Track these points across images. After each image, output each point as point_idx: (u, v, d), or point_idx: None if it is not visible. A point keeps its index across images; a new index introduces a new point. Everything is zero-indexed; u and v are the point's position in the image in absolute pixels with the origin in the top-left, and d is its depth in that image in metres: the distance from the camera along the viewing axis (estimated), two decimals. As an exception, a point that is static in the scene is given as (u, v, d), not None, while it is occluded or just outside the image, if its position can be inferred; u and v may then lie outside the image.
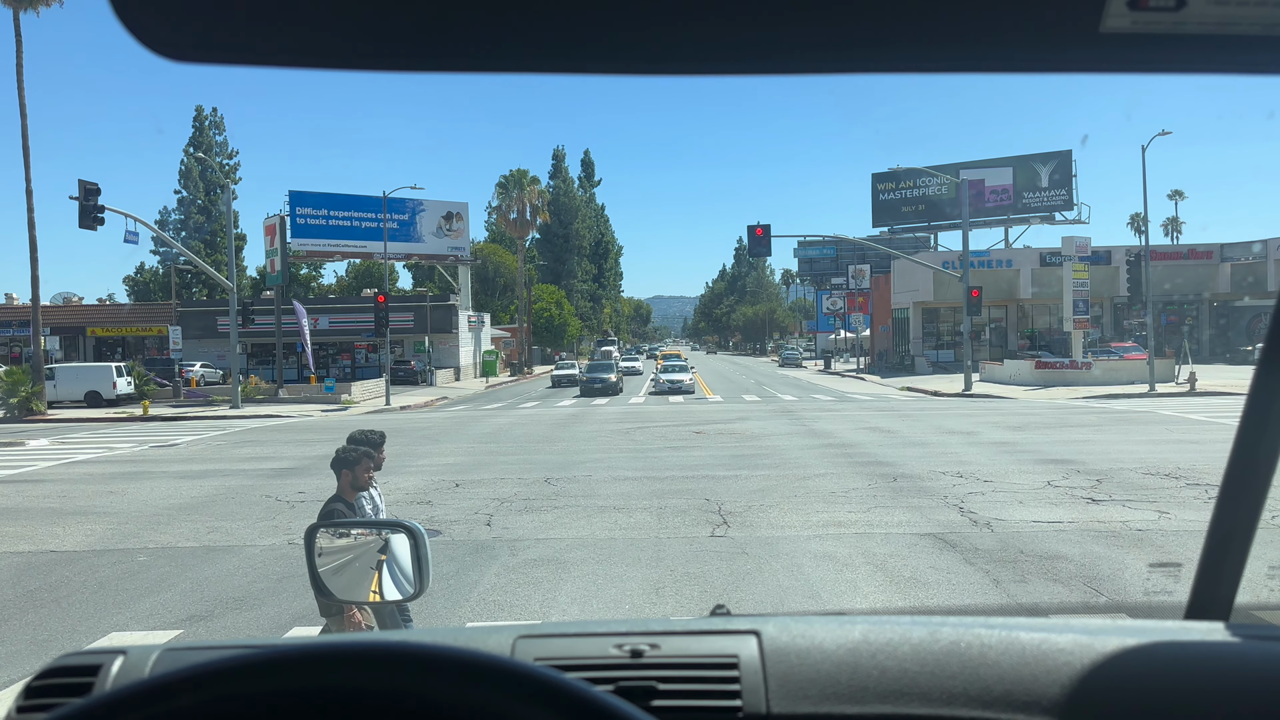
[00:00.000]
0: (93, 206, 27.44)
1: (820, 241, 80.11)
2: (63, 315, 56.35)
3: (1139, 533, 9.30)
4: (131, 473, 16.25)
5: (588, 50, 0.70)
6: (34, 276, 32.15)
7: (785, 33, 0.68)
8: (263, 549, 9.67)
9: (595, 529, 10.16)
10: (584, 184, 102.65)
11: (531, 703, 0.69)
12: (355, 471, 4.69)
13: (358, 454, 4.73)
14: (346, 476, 4.71)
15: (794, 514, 10.74)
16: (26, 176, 31.42)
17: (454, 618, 7.03)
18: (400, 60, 0.70)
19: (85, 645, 6.27)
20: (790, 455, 16.34)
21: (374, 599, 2.26)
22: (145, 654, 1.30)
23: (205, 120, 71.81)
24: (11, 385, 31.37)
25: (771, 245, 31.31)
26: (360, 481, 4.70)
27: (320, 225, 53.45)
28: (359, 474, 4.70)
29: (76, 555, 9.62)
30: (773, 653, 1.19)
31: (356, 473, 4.69)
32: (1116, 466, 13.78)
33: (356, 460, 4.70)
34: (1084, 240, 39.84)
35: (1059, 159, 60.88)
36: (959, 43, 0.70)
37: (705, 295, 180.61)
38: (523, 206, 63.00)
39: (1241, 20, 0.68)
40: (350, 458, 4.71)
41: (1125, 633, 1.19)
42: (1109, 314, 52.62)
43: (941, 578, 7.84)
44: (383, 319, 34.06)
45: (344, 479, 4.71)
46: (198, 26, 0.67)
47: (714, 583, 7.79)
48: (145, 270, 73.86)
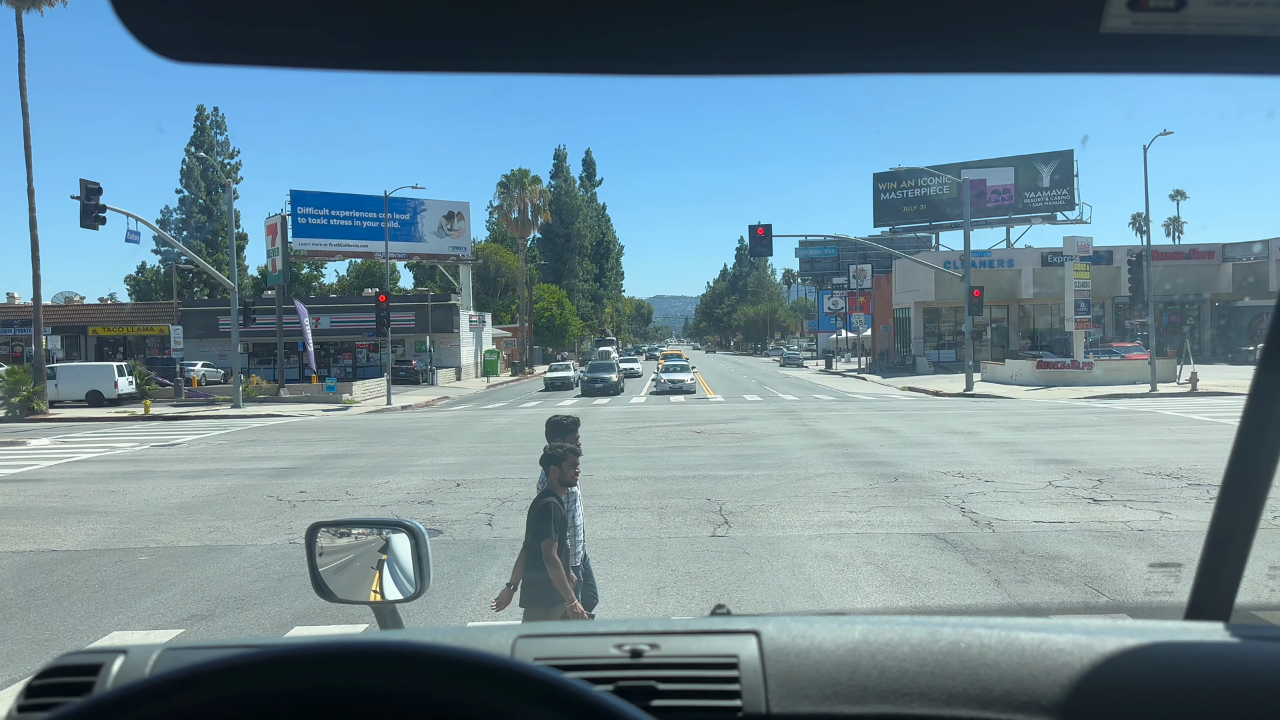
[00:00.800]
0: (94, 206, 27.46)
1: (821, 241, 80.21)
2: (64, 315, 56.37)
3: (1140, 533, 9.29)
4: (133, 472, 16.27)
5: (589, 51, 0.70)
6: (35, 276, 32.18)
7: (786, 33, 0.68)
8: (264, 548, 9.68)
9: (596, 528, 10.16)
10: (585, 184, 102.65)
11: (531, 703, 0.69)
12: (562, 467, 4.92)
13: (564, 450, 4.95)
14: (554, 473, 4.92)
15: (795, 514, 10.74)
16: (28, 176, 31.44)
17: (455, 617, 7.03)
18: (401, 60, 0.70)
19: (86, 644, 6.28)
20: (791, 455, 16.34)
21: (375, 599, 2.26)
22: (146, 653, 1.30)
23: (207, 120, 71.89)
24: (13, 384, 31.39)
25: (773, 245, 31.35)
26: (567, 477, 4.93)
27: (321, 225, 53.49)
28: (565, 469, 4.92)
29: (78, 554, 9.63)
30: (772, 653, 1.19)
31: (563, 468, 4.91)
32: (1118, 467, 13.77)
33: (563, 457, 4.92)
34: (1085, 240, 39.82)
35: (1060, 159, 60.87)
36: (960, 43, 0.70)
37: (706, 295, 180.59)
38: (524, 206, 63.00)
39: (1241, 20, 0.68)
40: (557, 454, 4.93)
41: (1125, 633, 1.19)
42: (1110, 314, 52.59)
43: (943, 578, 7.84)
44: (384, 318, 34.08)
45: (552, 475, 4.92)
46: (198, 27, 0.67)
47: (715, 582, 7.79)
48: (147, 270, 73.95)
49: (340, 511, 11.67)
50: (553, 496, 4.84)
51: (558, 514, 4.78)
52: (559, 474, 4.91)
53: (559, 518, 4.78)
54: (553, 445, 5.02)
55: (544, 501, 4.80)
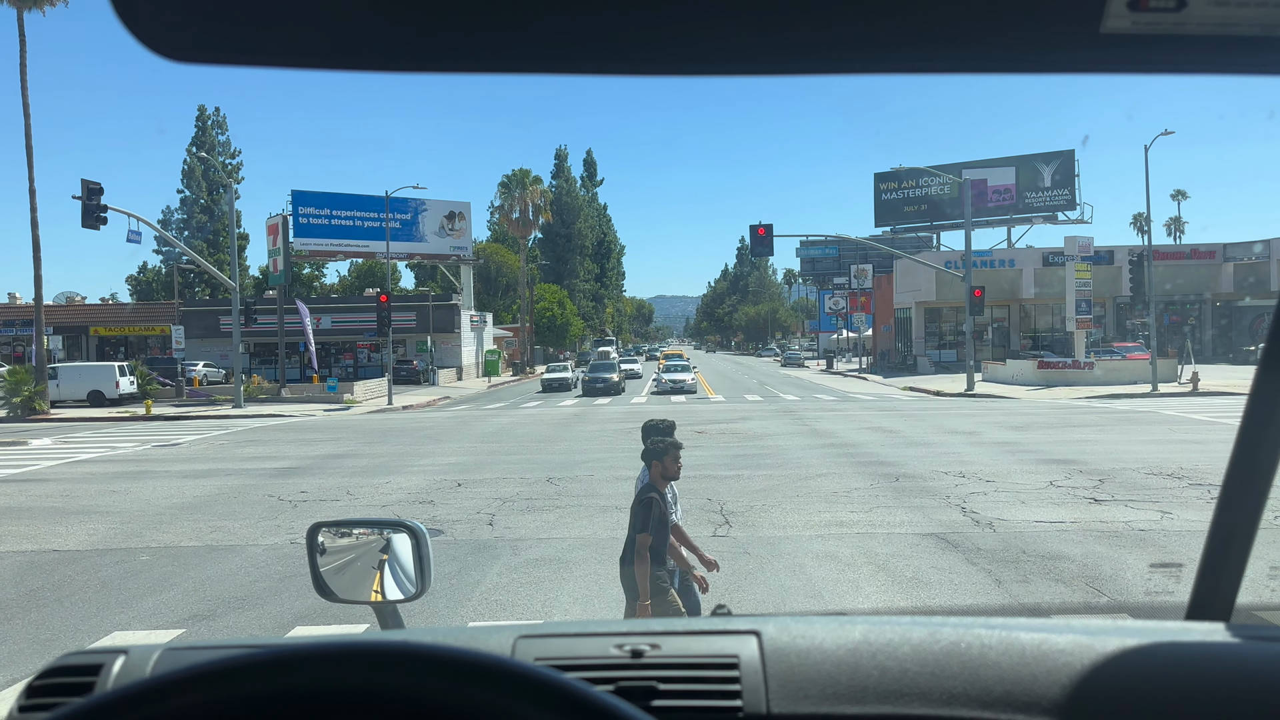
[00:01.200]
0: (96, 206, 27.47)
1: (822, 241, 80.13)
2: (66, 315, 56.39)
3: (1141, 533, 9.29)
4: (134, 472, 16.28)
5: (590, 51, 0.70)
6: (37, 276, 32.21)
7: (787, 33, 0.68)
8: (265, 548, 9.68)
9: (598, 528, 10.16)
10: (586, 184, 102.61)
11: (531, 703, 0.69)
12: (664, 462, 4.97)
13: (666, 445, 4.99)
14: (657, 468, 4.97)
15: (796, 514, 10.74)
16: (30, 176, 31.44)
17: (456, 617, 7.03)
18: (402, 61, 0.70)
19: (87, 644, 6.29)
20: (792, 455, 16.33)
21: (376, 599, 2.26)
22: (147, 653, 1.30)
23: (208, 120, 71.90)
24: (14, 384, 31.42)
25: (774, 245, 31.28)
26: (670, 471, 4.97)
27: (323, 225, 53.48)
28: (668, 464, 4.97)
29: (79, 554, 9.63)
30: (773, 653, 1.19)
31: (665, 463, 4.97)
32: (1119, 466, 13.77)
33: (665, 451, 4.97)
34: (1086, 240, 39.81)
35: (1061, 159, 60.83)
36: (960, 43, 0.70)
37: (707, 295, 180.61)
38: (525, 206, 63.01)
39: (1241, 20, 0.68)
40: (659, 449, 4.98)
41: (1125, 633, 1.19)
42: (1111, 314, 52.56)
43: (944, 578, 7.83)
44: (385, 319, 34.09)
45: (654, 470, 4.97)
46: (198, 27, 0.67)
47: (716, 582, 7.78)
48: (148, 270, 73.98)
49: (341, 511, 11.68)
50: (655, 492, 4.87)
51: (658, 510, 4.82)
52: (661, 469, 4.96)
53: (659, 514, 4.81)
54: (654, 440, 5.05)
55: (646, 496, 4.85)
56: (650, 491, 4.86)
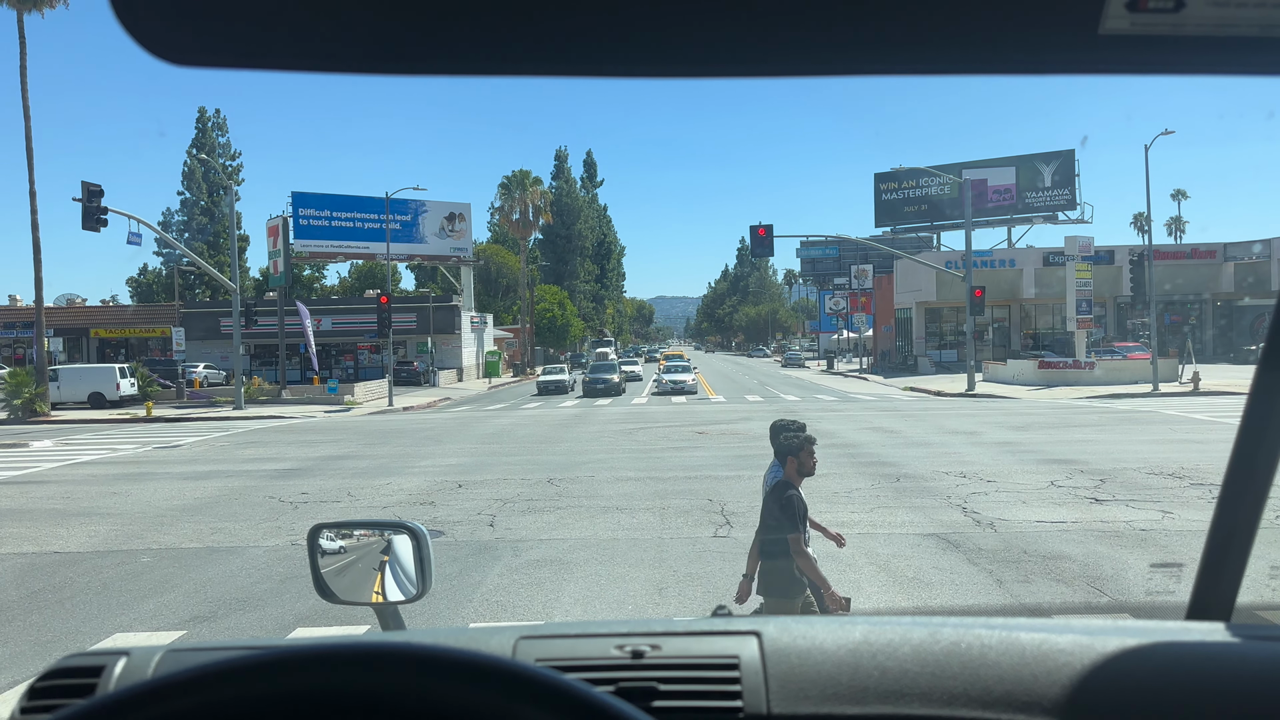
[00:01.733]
0: (96, 208, 27.48)
1: (823, 241, 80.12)
2: (66, 317, 56.43)
3: (1142, 533, 9.29)
4: (135, 474, 16.28)
5: (589, 53, 0.70)
6: (37, 278, 32.23)
7: (786, 35, 0.69)
8: (266, 550, 9.68)
9: (598, 529, 10.16)
10: (586, 184, 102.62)
11: (532, 703, 0.70)
12: (800, 457, 4.97)
13: (801, 440, 4.99)
14: (792, 463, 4.98)
15: (797, 514, 10.73)
16: (30, 178, 31.47)
17: (457, 618, 7.03)
18: (401, 63, 0.70)
19: (89, 646, 6.28)
20: (793, 455, 16.31)
21: (377, 600, 2.26)
22: (148, 655, 1.30)
23: (208, 121, 71.97)
24: (15, 386, 31.44)
25: (774, 245, 31.28)
26: (806, 467, 4.98)
27: (323, 226, 53.54)
28: (804, 459, 4.98)
29: (80, 556, 9.64)
30: (773, 653, 1.19)
31: (801, 458, 4.97)
32: (1120, 466, 13.76)
33: (800, 446, 4.98)
34: (1087, 240, 39.80)
35: (1061, 159, 60.84)
36: (959, 44, 0.70)
37: (708, 295, 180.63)
38: (525, 207, 63.04)
39: (1240, 21, 0.68)
40: (794, 444, 4.98)
41: (1126, 633, 1.19)
42: (1112, 314, 52.57)
43: (945, 578, 7.83)
44: (385, 320, 34.11)
45: (790, 465, 4.99)
46: (198, 30, 0.67)
47: (717, 583, 7.78)
48: (148, 272, 74.04)
49: (342, 513, 11.68)
50: (794, 489, 4.87)
51: (801, 506, 4.83)
52: (797, 464, 4.96)
53: (803, 510, 4.83)
54: (788, 435, 5.03)
55: (787, 494, 4.84)
56: (789, 489, 4.86)
